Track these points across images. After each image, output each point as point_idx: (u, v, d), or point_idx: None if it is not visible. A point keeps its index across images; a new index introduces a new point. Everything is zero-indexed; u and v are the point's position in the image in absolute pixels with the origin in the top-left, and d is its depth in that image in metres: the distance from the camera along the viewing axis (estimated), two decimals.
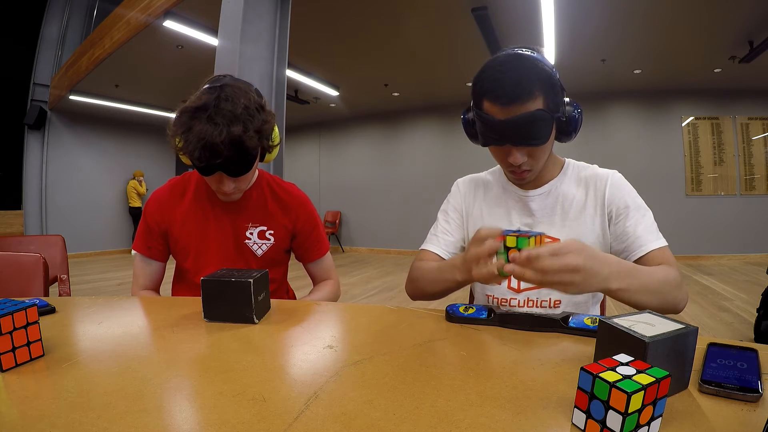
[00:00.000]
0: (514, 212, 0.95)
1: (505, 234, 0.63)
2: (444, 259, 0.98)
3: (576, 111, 0.83)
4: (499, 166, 1.04)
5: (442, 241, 1.00)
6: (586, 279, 0.60)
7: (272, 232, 1.09)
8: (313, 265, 1.18)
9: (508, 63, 0.78)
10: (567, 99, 0.84)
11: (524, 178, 0.89)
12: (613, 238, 0.89)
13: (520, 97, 0.76)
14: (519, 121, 0.77)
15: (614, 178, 0.90)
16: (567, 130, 0.85)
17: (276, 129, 1.01)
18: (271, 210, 1.10)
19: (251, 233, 1.08)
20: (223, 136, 0.84)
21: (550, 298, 0.90)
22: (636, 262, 0.84)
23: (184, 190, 1.08)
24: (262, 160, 1.02)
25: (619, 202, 0.88)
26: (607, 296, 1.07)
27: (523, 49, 0.82)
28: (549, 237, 0.91)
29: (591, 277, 0.61)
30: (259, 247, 1.08)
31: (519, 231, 0.64)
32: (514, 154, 0.83)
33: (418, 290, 0.93)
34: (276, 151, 1.04)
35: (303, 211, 1.13)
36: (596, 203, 0.90)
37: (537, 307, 0.91)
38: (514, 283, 0.93)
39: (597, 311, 0.99)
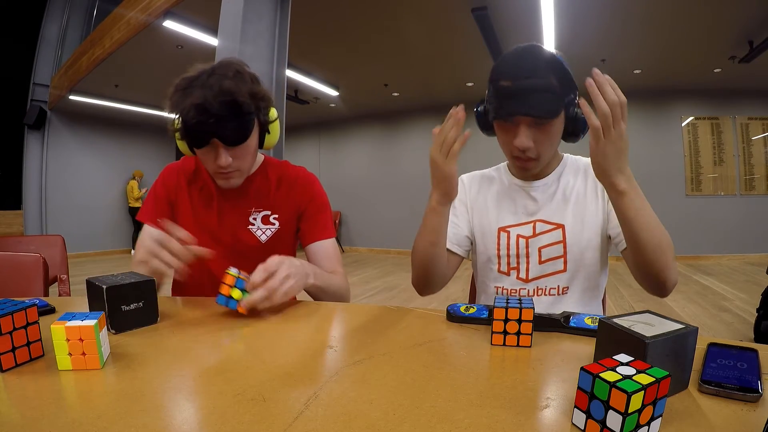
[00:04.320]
0: (519, 199, 0.98)
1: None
2: (451, 250, 1.00)
3: None
4: (502, 164, 1.05)
5: (450, 233, 1.00)
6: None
7: (277, 216, 1.07)
8: (315, 246, 1.07)
9: (528, 51, 0.83)
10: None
11: (529, 168, 0.91)
12: (610, 220, 0.90)
13: (536, 73, 0.80)
14: (531, 88, 0.80)
15: None
16: (575, 129, 0.88)
17: (273, 110, 1.00)
18: (275, 194, 1.08)
19: (254, 218, 1.06)
20: (215, 90, 0.86)
21: (558, 285, 0.93)
22: None
23: (193, 171, 1.08)
24: (261, 142, 1.01)
25: None
26: (607, 296, 1.08)
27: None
28: (546, 222, 0.94)
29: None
30: (263, 232, 1.06)
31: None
32: (521, 135, 0.85)
33: (414, 270, 0.94)
34: (276, 134, 1.02)
35: (310, 190, 1.10)
36: (595, 187, 0.94)
37: (546, 295, 0.93)
38: (522, 273, 0.95)
39: (598, 310, 0.99)
